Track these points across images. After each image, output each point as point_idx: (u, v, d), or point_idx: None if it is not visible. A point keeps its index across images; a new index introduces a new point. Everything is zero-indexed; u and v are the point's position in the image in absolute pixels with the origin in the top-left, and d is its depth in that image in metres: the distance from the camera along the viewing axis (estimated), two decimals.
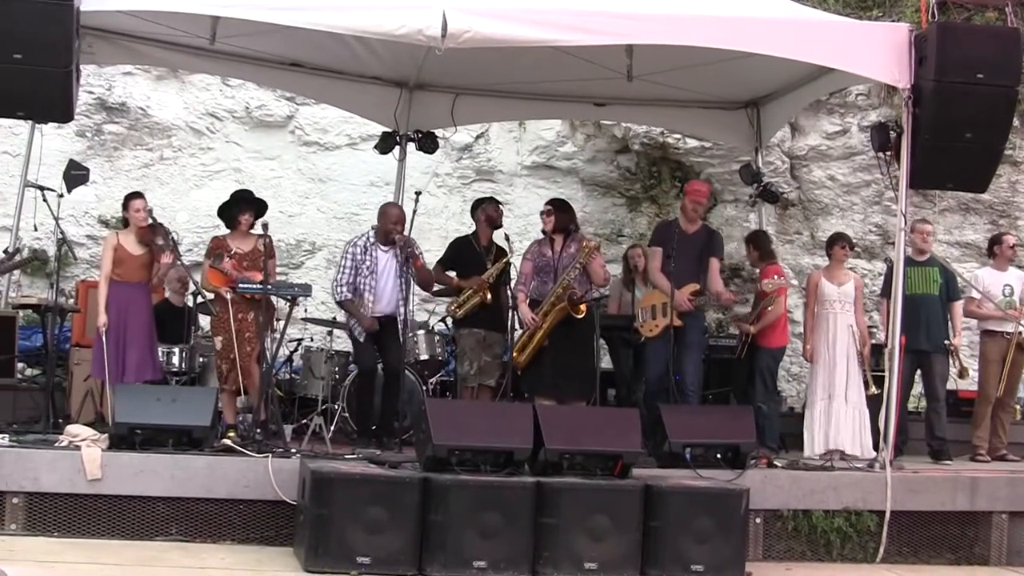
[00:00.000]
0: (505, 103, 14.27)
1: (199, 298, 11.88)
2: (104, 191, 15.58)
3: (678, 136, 15.65)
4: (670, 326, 11.55)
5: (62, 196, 11.59)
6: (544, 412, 9.74)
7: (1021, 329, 12.54)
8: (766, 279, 11.82)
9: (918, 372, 12.45)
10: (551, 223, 11.71)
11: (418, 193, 11.84)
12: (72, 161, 12.56)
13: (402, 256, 11.34)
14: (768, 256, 12.52)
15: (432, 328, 13.69)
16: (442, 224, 16.31)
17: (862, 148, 15.14)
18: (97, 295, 11.21)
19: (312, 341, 13.84)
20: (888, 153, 10.95)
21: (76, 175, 11.96)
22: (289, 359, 13.54)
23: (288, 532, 9.35)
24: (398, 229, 11.46)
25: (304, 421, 11.72)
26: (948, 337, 12.43)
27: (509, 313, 11.91)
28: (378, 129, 14.41)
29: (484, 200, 12.93)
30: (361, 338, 11.53)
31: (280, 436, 10.58)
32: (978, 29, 12.55)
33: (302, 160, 16.62)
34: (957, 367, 12.62)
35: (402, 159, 14.38)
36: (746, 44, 10.30)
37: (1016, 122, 12.77)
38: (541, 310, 11.45)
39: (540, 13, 9.81)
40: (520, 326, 11.79)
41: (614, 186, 16.74)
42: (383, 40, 10.84)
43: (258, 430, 10.54)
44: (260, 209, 11.55)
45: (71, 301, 13.26)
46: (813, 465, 10.94)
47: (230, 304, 10.89)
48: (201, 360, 12.57)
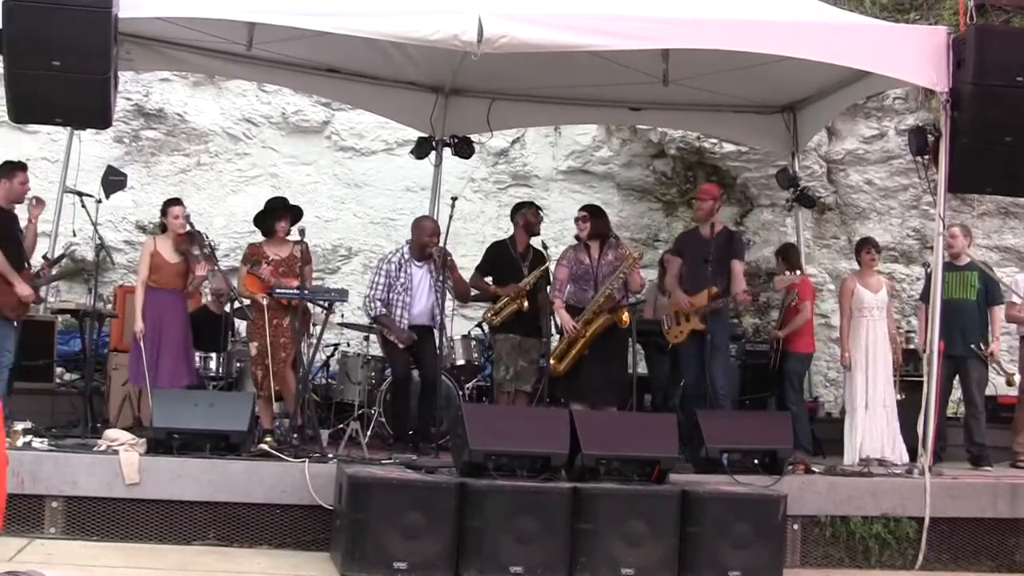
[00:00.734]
0: (541, 108, 14.24)
1: (235, 303, 11.93)
2: (142, 197, 15.66)
3: (714, 140, 15.61)
4: (695, 331, 11.59)
5: (100, 202, 11.62)
6: (581, 417, 9.73)
7: None
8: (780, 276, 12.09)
9: (956, 377, 12.37)
10: (586, 229, 11.69)
11: (454, 198, 11.86)
12: (110, 167, 12.58)
13: (438, 269, 11.35)
14: (794, 268, 12.59)
15: (469, 333, 13.68)
16: (478, 229, 16.32)
17: (899, 152, 15.06)
18: (134, 300, 11.27)
19: (348, 346, 13.84)
20: (926, 157, 10.87)
21: (114, 181, 11.99)
22: (326, 364, 13.55)
23: (325, 537, 9.35)
24: (433, 242, 11.48)
25: (341, 426, 11.74)
26: (985, 342, 12.32)
27: (546, 318, 11.90)
28: (414, 134, 14.42)
29: (524, 204, 12.89)
30: (400, 346, 11.54)
31: (317, 441, 10.60)
32: (1017, 32, 12.50)
33: (338, 165, 16.67)
34: (1003, 374, 12.52)
35: (438, 164, 14.36)
36: (783, 48, 10.25)
37: None
38: (582, 319, 11.43)
39: (576, 18, 9.79)
40: (556, 331, 11.79)
41: (650, 191, 16.72)
42: (419, 45, 10.82)
43: (295, 435, 10.56)
44: (296, 215, 11.59)
45: (109, 306, 13.31)
46: (851, 471, 10.88)
47: (266, 310, 10.93)
48: (238, 365, 12.63)
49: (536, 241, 12.35)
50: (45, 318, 12.94)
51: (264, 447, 10.14)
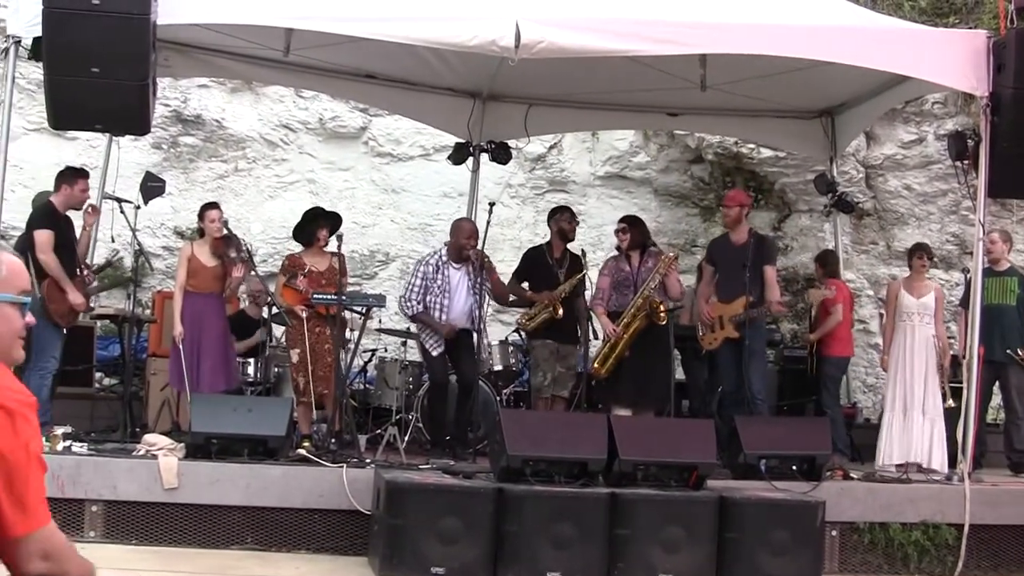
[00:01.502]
0: (578, 113, 14.26)
1: (274, 308, 11.96)
2: (180, 203, 15.73)
3: (752, 146, 15.55)
4: (729, 339, 11.60)
5: (139, 208, 11.67)
6: (618, 423, 9.73)
7: None
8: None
9: (996, 383, 12.29)
10: (627, 240, 11.71)
11: (492, 204, 11.85)
12: (148, 173, 12.66)
13: (476, 271, 11.36)
14: (832, 274, 12.58)
15: (506, 339, 13.69)
16: (515, 235, 16.33)
17: (939, 157, 14.96)
18: (172, 306, 11.32)
19: (386, 352, 13.87)
20: (966, 162, 10.83)
21: (152, 187, 12.05)
22: (363, 370, 13.57)
23: (362, 542, 9.37)
24: (471, 244, 11.49)
25: (378, 431, 11.75)
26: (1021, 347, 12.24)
27: (583, 324, 11.90)
28: (451, 140, 14.46)
29: (558, 210, 12.89)
30: (435, 352, 11.55)
31: (355, 446, 10.63)
32: None
33: (375, 171, 16.70)
34: None
35: (475, 170, 14.38)
36: (821, 52, 10.21)
37: None
38: (622, 321, 11.44)
39: (614, 23, 9.79)
40: (594, 337, 11.80)
41: (688, 196, 16.69)
42: (456, 51, 10.85)
43: (333, 440, 10.57)
44: (335, 223, 11.61)
45: (148, 312, 13.37)
46: (890, 477, 10.83)
47: (305, 320, 10.95)
48: (276, 370, 12.64)
49: (575, 247, 12.35)
50: (84, 323, 13.01)
51: (302, 452, 10.16)
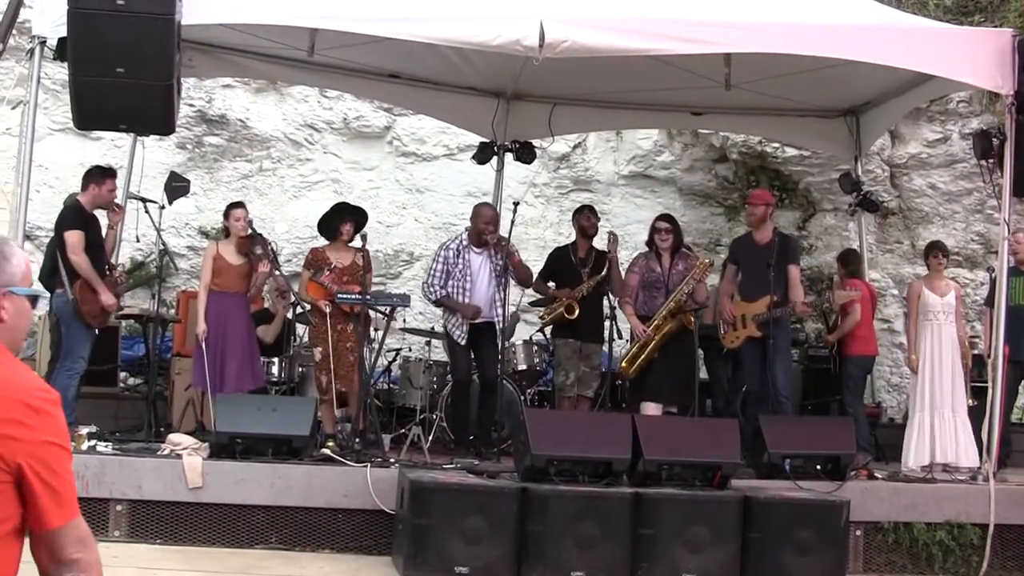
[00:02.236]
0: (602, 113, 14.26)
1: (298, 308, 11.98)
2: (204, 202, 15.77)
3: (776, 145, 15.52)
4: (752, 338, 11.57)
5: (163, 207, 11.69)
6: (642, 422, 9.73)
7: None
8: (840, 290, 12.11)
9: (1022, 383, 12.25)
10: (669, 240, 11.65)
11: (516, 203, 11.87)
12: (173, 173, 12.69)
13: (498, 256, 11.36)
14: (853, 274, 12.56)
15: (530, 338, 13.69)
16: (540, 234, 16.35)
17: (964, 156, 14.93)
18: (196, 305, 11.34)
19: (410, 351, 13.86)
20: (991, 160, 10.78)
21: (177, 187, 12.07)
22: (387, 369, 13.58)
23: (386, 541, 9.37)
24: (490, 229, 11.48)
25: (402, 431, 11.74)
26: None
27: (607, 323, 11.89)
28: (475, 139, 14.47)
29: (580, 209, 12.89)
30: (462, 341, 11.51)
31: (379, 446, 10.65)
32: None
33: (400, 171, 16.72)
34: None
35: (499, 169, 14.40)
36: (846, 52, 10.18)
37: None
38: (653, 323, 11.41)
39: (638, 22, 9.78)
40: (620, 336, 11.79)
41: (712, 195, 16.68)
42: (480, 51, 10.85)
43: (357, 440, 10.56)
44: (360, 219, 11.61)
45: (172, 311, 13.40)
46: (914, 477, 10.80)
47: (328, 317, 10.97)
48: (300, 370, 12.66)
49: (603, 234, 12.36)
50: (110, 323, 13.03)
51: (326, 452, 10.17)
